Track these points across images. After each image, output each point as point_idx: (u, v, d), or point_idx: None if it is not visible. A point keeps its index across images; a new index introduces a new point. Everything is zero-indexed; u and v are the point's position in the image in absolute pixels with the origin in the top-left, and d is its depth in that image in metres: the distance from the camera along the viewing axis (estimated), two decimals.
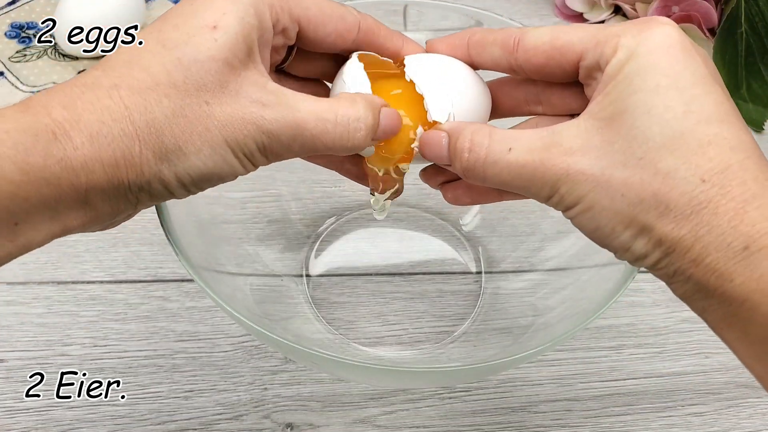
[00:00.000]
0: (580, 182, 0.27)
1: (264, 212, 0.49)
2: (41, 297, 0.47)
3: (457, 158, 0.30)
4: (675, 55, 0.26)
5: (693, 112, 0.26)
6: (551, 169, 0.27)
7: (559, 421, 0.44)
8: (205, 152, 0.27)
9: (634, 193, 0.26)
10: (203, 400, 0.43)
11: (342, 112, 0.29)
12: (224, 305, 0.34)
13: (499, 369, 0.41)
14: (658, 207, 0.25)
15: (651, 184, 0.26)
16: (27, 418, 0.42)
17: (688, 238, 0.25)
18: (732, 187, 0.25)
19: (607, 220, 0.27)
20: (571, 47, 0.28)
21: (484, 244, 0.49)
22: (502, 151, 0.28)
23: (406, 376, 0.38)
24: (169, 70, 0.26)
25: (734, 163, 0.25)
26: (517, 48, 0.30)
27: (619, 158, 0.26)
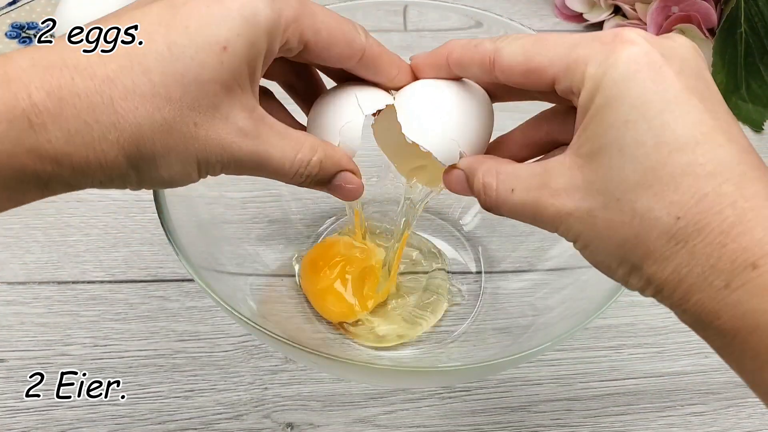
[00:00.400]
0: (570, 224, 0.27)
1: (264, 212, 0.49)
2: (42, 297, 0.47)
3: (478, 197, 0.31)
4: (643, 81, 0.25)
5: (664, 143, 0.25)
6: (545, 211, 0.28)
7: (558, 420, 0.44)
8: (175, 168, 0.27)
9: (619, 235, 0.26)
10: (203, 400, 0.43)
11: (300, 157, 0.30)
12: (224, 304, 0.34)
13: (498, 369, 0.41)
14: (641, 249, 0.25)
15: (631, 226, 0.25)
16: (27, 417, 0.42)
17: (672, 279, 0.25)
18: (708, 221, 0.24)
19: (602, 257, 0.27)
20: (543, 71, 0.28)
21: (484, 244, 0.50)
22: (507, 192, 0.29)
23: (405, 376, 0.38)
24: (169, 83, 0.26)
25: (709, 192, 0.24)
26: (494, 67, 0.29)
27: (600, 200, 0.26)
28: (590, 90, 0.26)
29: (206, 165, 0.28)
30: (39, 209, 0.51)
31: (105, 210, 0.51)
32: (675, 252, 0.25)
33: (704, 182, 0.24)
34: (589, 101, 0.26)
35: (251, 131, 0.28)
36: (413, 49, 0.49)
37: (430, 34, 0.48)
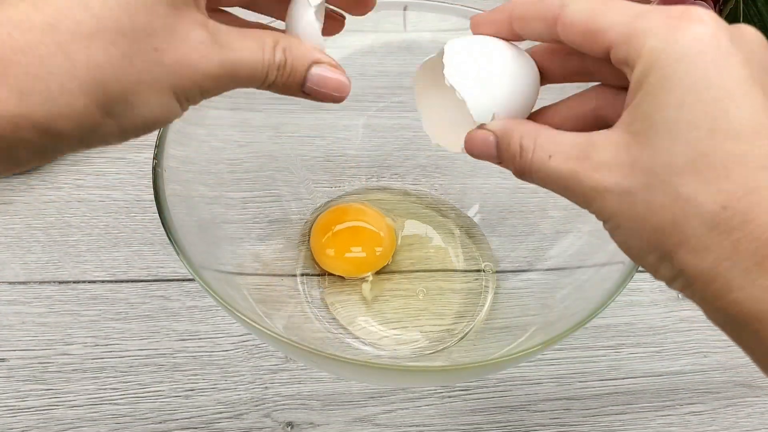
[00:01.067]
0: (607, 200, 0.26)
1: (264, 212, 0.49)
2: (42, 296, 0.47)
3: (509, 160, 0.29)
4: (705, 64, 0.24)
5: (720, 130, 0.23)
6: (582, 183, 0.26)
7: (557, 420, 0.44)
8: (153, 102, 0.25)
9: (656, 218, 0.24)
10: (204, 399, 0.43)
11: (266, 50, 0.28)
12: (223, 302, 0.34)
13: (496, 368, 0.41)
14: (678, 235, 0.24)
15: (671, 209, 0.24)
16: (28, 417, 0.42)
17: (709, 271, 0.24)
18: (756, 215, 0.23)
19: (634, 241, 0.26)
20: (603, 34, 0.26)
21: (484, 243, 0.50)
22: (543, 158, 0.27)
23: (404, 375, 0.38)
24: (115, 15, 0.24)
25: (762, 185, 0.23)
26: (557, 22, 0.28)
27: (643, 179, 0.25)
28: (647, 64, 0.25)
29: (183, 91, 0.26)
30: (40, 209, 0.51)
31: (106, 210, 0.51)
32: (716, 243, 0.23)
33: (756, 174, 0.23)
34: (645, 76, 0.25)
35: (214, 42, 0.26)
36: (413, 50, 0.50)
37: (429, 34, 0.48)
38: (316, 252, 0.48)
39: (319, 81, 0.29)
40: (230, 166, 0.47)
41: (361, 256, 0.48)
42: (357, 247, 0.48)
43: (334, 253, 0.48)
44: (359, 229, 0.49)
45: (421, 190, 0.52)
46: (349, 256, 0.48)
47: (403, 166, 0.52)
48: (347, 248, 0.48)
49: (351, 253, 0.48)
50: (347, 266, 0.48)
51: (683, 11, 0.25)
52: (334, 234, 0.48)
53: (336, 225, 0.49)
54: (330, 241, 0.48)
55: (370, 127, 0.52)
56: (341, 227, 0.49)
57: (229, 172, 0.47)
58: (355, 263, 0.48)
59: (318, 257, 0.48)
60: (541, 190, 0.29)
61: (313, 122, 0.51)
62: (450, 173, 0.52)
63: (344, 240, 0.48)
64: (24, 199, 0.51)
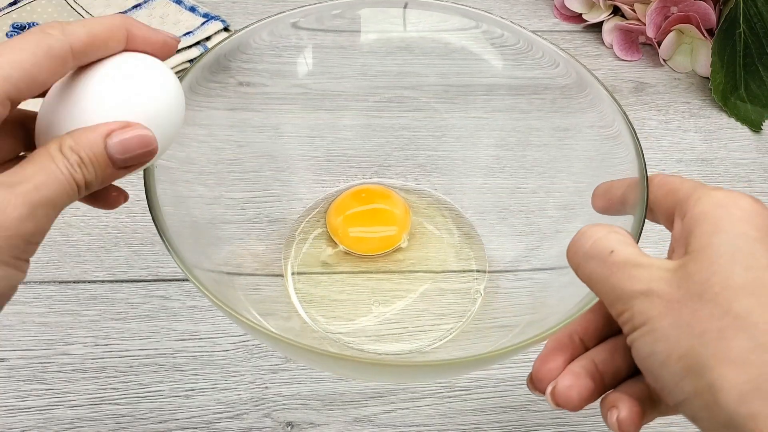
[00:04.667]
0: (653, 303, 0.26)
1: (264, 212, 0.49)
2: (42, 296, 0.47)
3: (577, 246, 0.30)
4: (763, 216, 0.27)
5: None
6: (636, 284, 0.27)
7: (557, 419, 0.44)
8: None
9: (701, 325, 0.24)
10: (204, 399, 0.43)
11: (61, 163, 0.26)
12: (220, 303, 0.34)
13: (488, 362, 0.41)
14: (719, 344, 0.24)
15: (720, 320, 0.24)
16: (28, 417, 0.42)
17: (745, 387, 0.23)
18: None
19: (664, 346, 0.25)
20: (677, 192, 0.30)
21: (483, 243, 0.50)
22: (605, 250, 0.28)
23: (404, 370, 0.38)
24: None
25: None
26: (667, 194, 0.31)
27: (696, 289, 0.25)
28: (711, 203, 0.27)
29: (8, 250, 0.25)
30: None
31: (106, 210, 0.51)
32: (763, 362, 0.23)
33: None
34: (708, 210, 0.27)
35: (7, 190, 0.25)
36: (413, 50, 0.50)
37: (429, 34, 0.48)
38: (340, 225, 0.49)
39: (122, 149, 0.27)
40: (230, 166, 0.47)
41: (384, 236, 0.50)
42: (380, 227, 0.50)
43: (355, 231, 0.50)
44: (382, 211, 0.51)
45: (421, 190, 0.52)
46: (370, 235, 0.50)
47: (403, 166, 0.52)
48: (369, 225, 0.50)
49: (374, 233, 0.50)
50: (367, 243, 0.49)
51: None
52: (360, 212, 0.50)
53: (362, 204, 0.51)
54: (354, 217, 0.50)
55: (369, 127, 0.52)
56: (368, 207, 0.50)
57: (228, 172, 0.47)
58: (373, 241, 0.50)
59: (339, 228, 0.49)
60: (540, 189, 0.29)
61: (312, 122, 0.51)
62: (449, 173, 0.52)
63: (368, 218, 0.50)
64: None
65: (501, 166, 0.50)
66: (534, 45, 0.44)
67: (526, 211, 0.49)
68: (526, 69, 0.45)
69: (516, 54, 0.46)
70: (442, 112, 0.50)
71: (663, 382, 0.26)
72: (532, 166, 0.49)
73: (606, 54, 0.66)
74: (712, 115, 0.61)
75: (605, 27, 0.66)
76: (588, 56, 0.65)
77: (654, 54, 0.65)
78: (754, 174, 0.57)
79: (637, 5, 0.64)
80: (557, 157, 0.47)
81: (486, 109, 0.50)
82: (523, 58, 0.45)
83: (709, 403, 0.24)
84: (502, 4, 0.69)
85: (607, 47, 0.66)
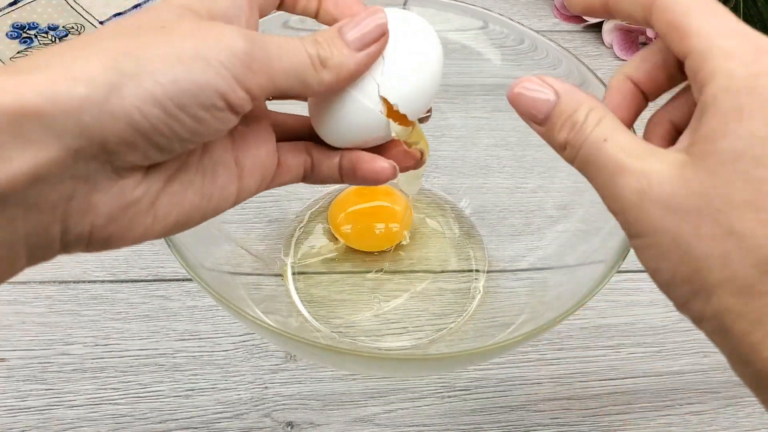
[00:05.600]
0: (649, 212, 0.23)
1: (264, 212, 0.49)
2: (43, 296, 0.47)
3: (564, 128, 0.26)
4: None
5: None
6: (627, 183, 0.24)
7: (557, 420, 0.44)
8: (171, 60, 0.23)
9: (703, 248, 0.23)
10: (204, 399, 0.43)
11: (304, 42, 0.27)
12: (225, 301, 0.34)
13: (489, 355, 0.41)
14: (724, 271, 0.22)
15: (723, 243, 0.22)
16: (28, 417, 0.42)
17: (751, 318, 0.22)
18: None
19: (669, 266, 0.24)
20: (686, 38, 0.24)
21: (483, 242, 0.50)
22: (599, 138, 0.25)
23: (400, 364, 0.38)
24: (136, 16, 0.25)
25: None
26: (653, 4, 0.25)
27: (695, 202, 0.23)
28: (721, 86, 0.23)
29: (216, 56, 0.24)
30: None
31: None
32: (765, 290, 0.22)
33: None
34: (715, 98, 0.23)
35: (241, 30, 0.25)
36: None
37: None
38: (341, 221, 0.49)
39: (353, 25, 0.28)
40: None
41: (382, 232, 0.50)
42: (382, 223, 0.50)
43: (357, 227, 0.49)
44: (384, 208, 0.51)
45: (421, 190, 0.52)
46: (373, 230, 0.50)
47: None
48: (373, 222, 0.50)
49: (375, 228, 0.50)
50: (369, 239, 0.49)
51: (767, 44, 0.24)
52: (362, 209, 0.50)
53: (365, 201, 0.50)
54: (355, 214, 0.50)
55: None
56: (370, 205, 0.50)
57: None
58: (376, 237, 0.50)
59: (340, 226, 0.49)
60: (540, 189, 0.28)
61: None
62: (449, 173, 0.52)
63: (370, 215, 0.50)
64: None
65: (501, 165, 0.50)
66: (538, 44, 0.44)
67: (525, 211, 0.49)
68: (526, 69, 0.45)
69: (516, 54, 0.46)
70: (442, 112, 0.50)
71: (674, 299, 0.25)
72: (531, 165, 0.49)
73: (606, 54, 0.66)
74: None
75: (605, 27, 0.66)
76: (588, 56, 0.65)
77: None
78: None
79: None
80: (557, 156, 0.46)
81: (486, 109, 0.50)
82: (522, 58, 0.45)
83: (717, 328, 0.23)
84: (502, 3, 0.69)
85: (607, 47, 0.66)
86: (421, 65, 0.30)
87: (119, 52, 0.22)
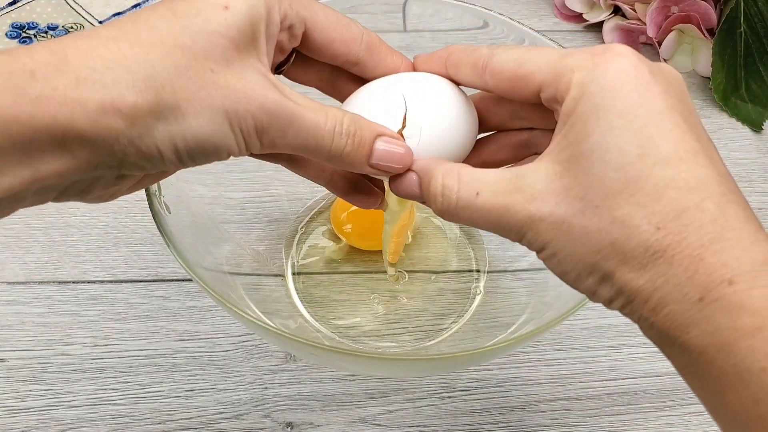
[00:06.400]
0: (541, 230, 0.26)
1: (263, 212, 0.49)
2: (42, 297, 0.47)
3: (431, 201, 0.29)
4: (629, 93, 0.25)
5: (648, 155, 0.25)
6: (515, 216, 0.27)
7: (558, 420, 0.44)
8: (204, 117, 0.26)
9: (593, 242, 0.25)
10: (204, 400, 0.43)
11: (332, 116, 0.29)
12: (224, 301, 0.34)
13: (488, 356, 0.41)
14: (617, 256, 0.25)
15: (609, 232, 0.25)
16: (28, 417, 0.42)
17: (647, 287, 0.25)
18: (688, 233, 0.24)
19: (572, 266, 0.26)
20: (531, 77, 0.28)
21: (483, 242, 0.50)
22: (470, 196, 0.28)
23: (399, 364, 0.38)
24: (177, 33, 0.26)
25: (691, 206, 0.24)
26: (485, 71, 0.30)
27: (577, 205, 0.26)
28: (575, 97, 0.26)
29: (237, 117, 0.27)
30: (39, 209, 0.51)
31: (105, 210, 0.51)
32: (652, 261, 0.24)
33: (686, 196, 0.25)
34: (573, 107, 0.26)
35: (273, 87, 0.27)
36: (413, 49, 0.49)
37: (429, 34, 0.48)
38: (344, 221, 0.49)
39: (384, 155, 0.30)
40: (229, 166, 0.47)
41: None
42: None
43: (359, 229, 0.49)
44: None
45: None
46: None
47: None
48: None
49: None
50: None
51: (605, 48, 0.27)
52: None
53: None
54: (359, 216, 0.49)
55: None
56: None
57: (228, 172, 0.47)
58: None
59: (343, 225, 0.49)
60: None
61: None
62: None
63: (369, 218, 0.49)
64: None
65: None
66: (538, 44, 0.44)
67: None
68: None
69: None
70: None
71: (585, 292, 0.27)
72: None
73: None
74: (712, 115, 0.61)
75: (606, 27, 0.66)
76: None
77: (655, 54, 0.65)
78: (754, 174, 0.57)
79: (638, 5, 0.64)
80: None
81: None
82: None
83: (623, 303, 0.26)
84: (502, 3, 0.69)
85: None
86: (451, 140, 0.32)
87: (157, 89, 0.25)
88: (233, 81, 0.27)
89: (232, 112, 0.26)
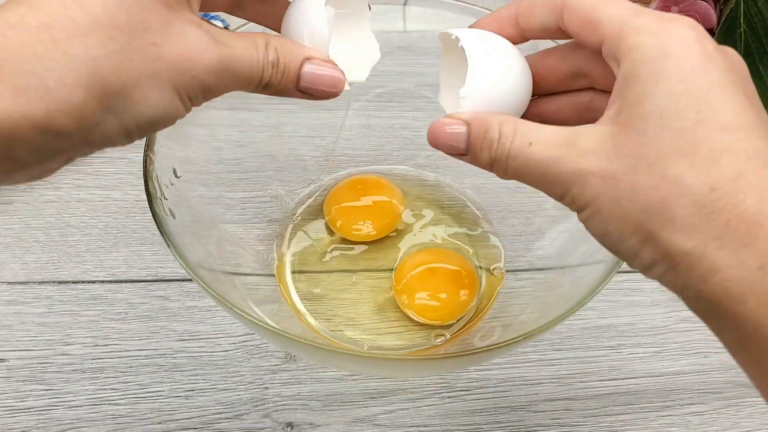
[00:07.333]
0: (589, 184, 0.26)
1: (264, 212, 0.49)
2: (42, 297, 0.47)
3: (484, 149, 0.28)
4: (693, 62, 0.25)
5: (707, 120, 0.24)
6: (564, 168, 0.26)
7: (558, 420, 0.44)
8: (153, 97, 0.25)
9: (641, 199, 0.24)
10: (204, 400, 0.43)
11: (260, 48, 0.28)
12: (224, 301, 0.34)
13: (488, 356, 0.41)
14: (664, 215, 0.24)
15: (658, 190, 0.24)
16: (27, 417, 0.42)
17: (696, 251, 0.24)
18: (746, 196, 0.23)
19: (615, 225, 0.25)
20: (599, 25, 0.27)
21: (483, 242, 0.50)
22: (524, 145, 0.27)
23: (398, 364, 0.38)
24: (111, 11, 0.24)
25: (749, 171, 0.23)
26: (564, 7, 0.28)
27: (629, 162, 0.25)
28: (637, 59, 0.26)
29: (184, 87, 0.26)
30: (39, 209, 0.51)
31: (105, 210, 0.51)
32: (705, 222, 0.23)
33: (744, 162, 0.24)
34: (633, 70, 0.26)
35: (211, 39, 0.27)
36: (413, 50, 0.50)
37: (429, 34, 0.48)
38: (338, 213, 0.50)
39: (313, 78, 0.29)
40: (230, 166, 0.47)
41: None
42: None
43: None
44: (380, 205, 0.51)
45: (422, 187, 0.52)
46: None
47: (403, 165, 0.52)
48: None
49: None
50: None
51: (675, 18, 0.26)
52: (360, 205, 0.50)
53: (357, 194, 0.51)
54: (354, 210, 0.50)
55: (369, 126, 0.52)
56: (363, 202, 0.50)
57: (228, 172, 0.47)
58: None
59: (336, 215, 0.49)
60: None
61: (312, 122, 0.51)
62: (450, 173, 0.52)
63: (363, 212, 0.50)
64: (23, 199, 0.51)
65: None
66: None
67: (526, 211, 0.49)
68: None
69: None
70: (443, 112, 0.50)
71: (625, 255, 0.26)
72: None
73: None
74: None
75: None
76: None
77: None
78: None
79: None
80: None
81: None
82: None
83: (667, 268, 0.25)
84: (502, 3, 0.69)
85: None
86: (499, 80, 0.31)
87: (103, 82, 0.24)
88: (176, 49, 0.26)
89: (179, 83, 0.26)
